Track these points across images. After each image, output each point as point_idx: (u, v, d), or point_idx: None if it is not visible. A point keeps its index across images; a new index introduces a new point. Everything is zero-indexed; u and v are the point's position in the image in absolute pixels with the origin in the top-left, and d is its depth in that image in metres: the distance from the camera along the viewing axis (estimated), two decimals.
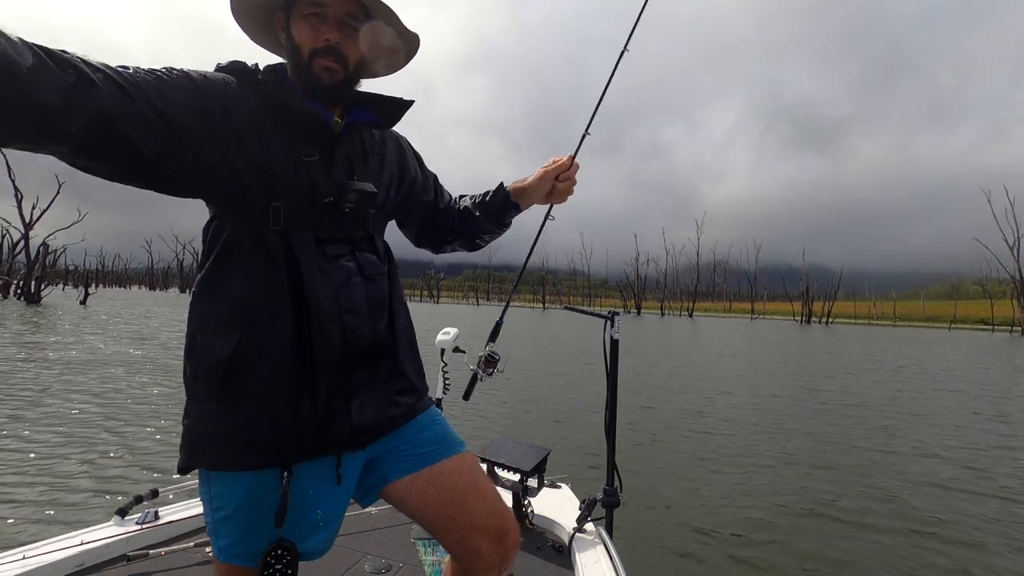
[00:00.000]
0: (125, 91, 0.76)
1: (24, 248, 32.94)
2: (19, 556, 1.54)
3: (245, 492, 0.90)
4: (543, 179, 1.28)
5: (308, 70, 0.95)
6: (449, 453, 1.07)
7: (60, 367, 8.33)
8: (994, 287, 62.81)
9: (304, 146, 0.95)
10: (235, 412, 0.90)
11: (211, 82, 0.88)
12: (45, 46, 0.69)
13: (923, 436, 6.10)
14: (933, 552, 3.17)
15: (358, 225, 1.01)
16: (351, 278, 0.97)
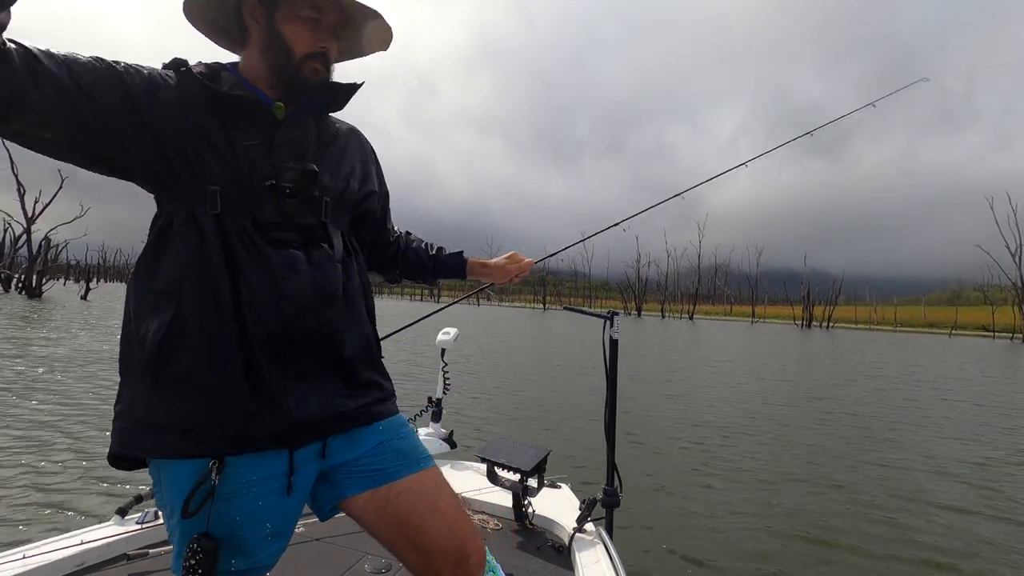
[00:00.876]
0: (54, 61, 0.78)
1: (26, 242, 33.01)
2: (19, 556, 1.53)
3: (190, 479, 0.86)
4: (502, 271, 1.47)
5: (298, 70, 0.96)
6: (411, 470, 1.01)
7: (59, 363, 8.34)
8: (995, 294, 62.74)
9: (245, 131, 0.93)
10: (168, 396, 0.86)
11: (140, 70, 0.88)
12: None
13: (933, 450, 5.80)
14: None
15: (306, 210, 0.96)
16: (296, 265, 0.92)
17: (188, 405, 0.86)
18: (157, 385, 0.86)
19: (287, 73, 0.96)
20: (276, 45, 0.95)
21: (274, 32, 0.95)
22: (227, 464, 0.86)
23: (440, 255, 1.39)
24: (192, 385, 0.86)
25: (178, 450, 0.86)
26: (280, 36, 0.95)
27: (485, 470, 2.21)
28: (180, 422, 0.86)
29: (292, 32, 0.95)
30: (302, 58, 0.95)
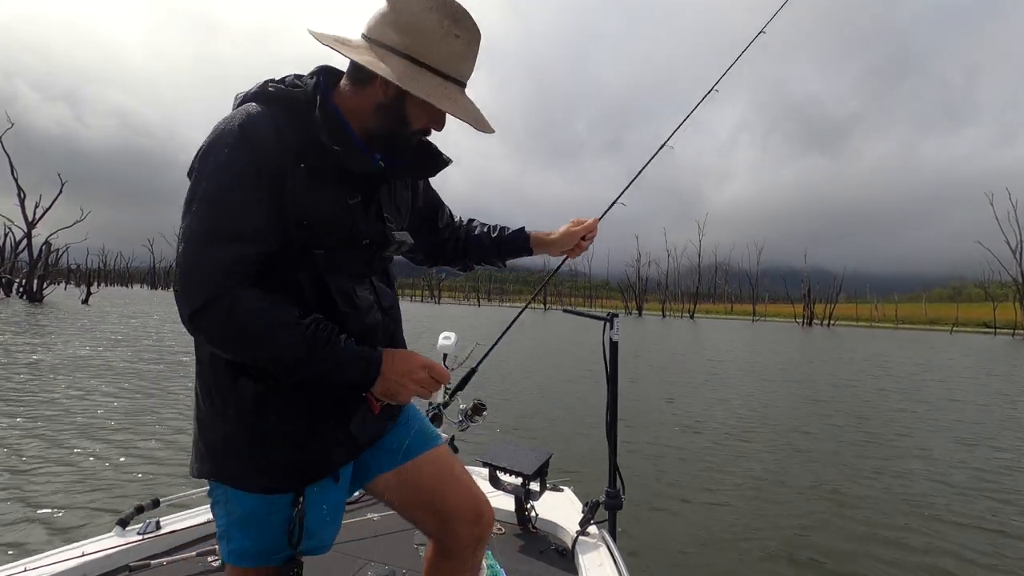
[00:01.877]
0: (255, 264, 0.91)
1: (27, 247, 33.03)
2: (21, 568, 1.53)
3: (258, 504, 0.97)
4: (569, 236, 1.41)
5: (405, 140, 1.03)
6: (428, 446, 1.16)
7: (61, 371, 8.34)
8: (996, 290, 62.68)
9: (348, 188, 1.01)
10: (257, 437, 0.96)
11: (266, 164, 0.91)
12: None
13: (945, 455, 5.52)
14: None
15: (383, 261, 1.11)
16: (373, 314, 1.06)
17: (276, 448, 0.97)
18: (247, 427, 0.96)
19: (394, 139, 1.02)
20: (395, 115, 0.99)
21: (398, 104, 0.98)
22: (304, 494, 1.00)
23: (503, 236, 1.40)
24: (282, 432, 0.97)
25: (263, 486, 0.97)
26: (402, 110, 0.99)
27: (487, 474, 2.21)
28: (266, 461, 0.97)
29: (414, 111, 0.99)
30: (414, 132, 1.02)
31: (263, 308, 0.87)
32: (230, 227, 0.88)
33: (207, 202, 0.88)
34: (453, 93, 0.97)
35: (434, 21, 0.94)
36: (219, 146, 0.90)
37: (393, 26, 0.95)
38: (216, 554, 1.85)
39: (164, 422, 5.55)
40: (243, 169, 0.89)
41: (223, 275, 0.86)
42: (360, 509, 2.34)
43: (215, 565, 1.82)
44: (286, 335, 0.87)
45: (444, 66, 0.96)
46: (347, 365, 0.91)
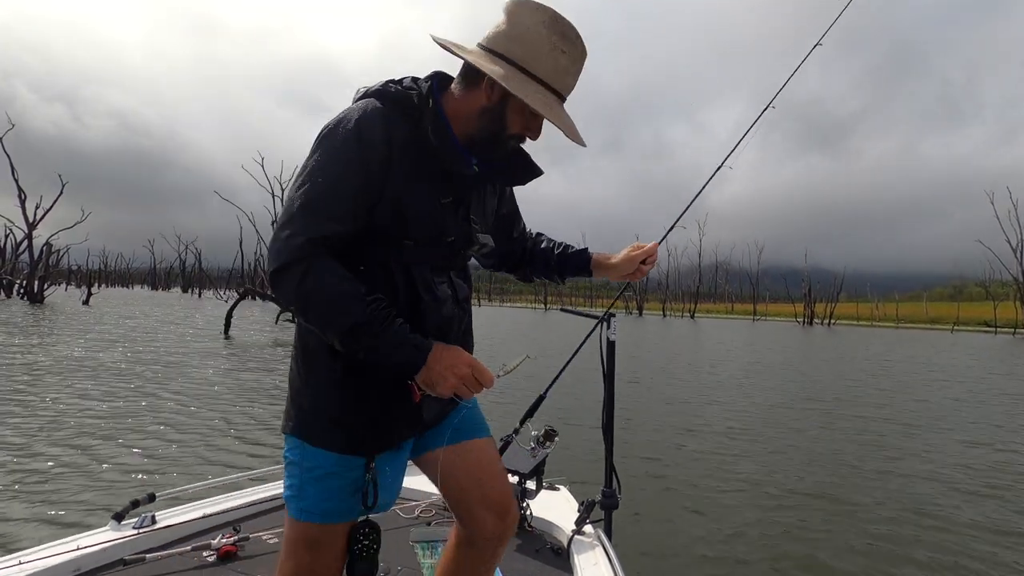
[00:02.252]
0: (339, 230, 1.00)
1: (27, 248, 33.05)
2: (15, 561, 1.54)
3: (335, 464, 1.06)
4: (630, 260, 1.43)
5: (502, 143, 1.10)
6: (481, 435, 1.26)
7: (56, 368, 8.35)
8: (997, 289, 62.56)
9: (443, 187, 1.10)
10: (343, 405, 1.06)
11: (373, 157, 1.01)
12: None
13: (954, 459, 5.31)
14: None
15: (463, 259, 1.20)
16: (449, 306, 1.14)
17: (358, 417, 1.06)
18: (338, 394, 1.06)
19: (491, 141, 1.09)
20: (496, 119, 1.07)
21: (500, 107, 1.06)
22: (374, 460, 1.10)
23: (565, 253, 1.45)
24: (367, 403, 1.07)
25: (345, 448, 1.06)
26: (503, 114, 1.07)
27: None
28: (349, 427, 1.06)
29: (513, 117, 1.07)
30: (510, 137, 1.09)
31: (332, 279, 0.95)
32: (327, 205, 0.98)
33: (314, 178, 0.99)
34: (552, 103, 1.05)
35: (544, 36, 1.03)
36: (337, 132, 1.02)
37: (506, 36, 1.04)
38: (211, 549, 1.86)
39: (160, 418, 5.56)
40: (352, 157, 1.00)
41: (308, 245, 0.95)
42: None
43: (210, 560, 1.83)
44: (347, 306, 0.94)
45: (548, 77, 1.04)
46: (397, 347, 0.97)
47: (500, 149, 1.11)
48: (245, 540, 1.95)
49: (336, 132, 1.02)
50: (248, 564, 1.83)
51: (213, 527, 2.03)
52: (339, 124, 1.03)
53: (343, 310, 0.94)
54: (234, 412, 6.10)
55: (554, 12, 1.04)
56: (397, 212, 1.04)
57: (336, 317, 0.95)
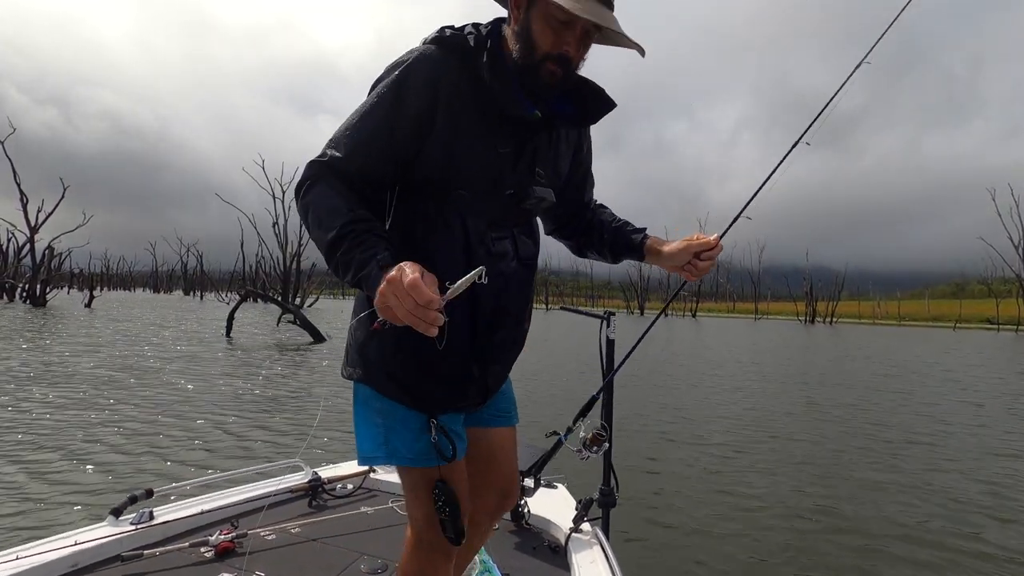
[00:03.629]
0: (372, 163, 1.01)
1: (29, 251, 33.14)
2: (12, 556, 1.54)
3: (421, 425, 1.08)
4: (684, 251, 1.21)
5: (535, 70, 1.00)
6: (512, 422, 1.30)
7: (56, 367, 8.37)
8: (999, 286, 62.37)
9: (501, 136, 1.04)
10: (406, 360, 1.06)
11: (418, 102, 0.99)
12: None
13: (974, 470, 4.83)
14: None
15: (525, 214, 1.13)
16: (509, 261, 1.10)
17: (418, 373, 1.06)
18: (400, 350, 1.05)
19: (527, 73, 1.01)
20: (525, 39, 1.00)
21: (526, 26, 0.99)
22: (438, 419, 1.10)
23: (622, 230, 1.30)
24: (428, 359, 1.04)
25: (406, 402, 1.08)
26: (529, 32, 0.99)
27: None
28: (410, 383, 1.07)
29: (539, 31, 0.98)
30: (542, 57, 0.99)
31: (326, 194, 0.96)
32: (359, 140, 0.99)
33: (358, 112, 1.02)
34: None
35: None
36: (389, 73, 1.02)
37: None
38: (208, 545, 1.86)
39: (159, 416, 5.57)
40: (387, 99, 1.00)
41: (321, 165, 0.98)
42: (354, 503, 2.35)
43: (207, 556, 1.83)
44: (331, 221, 0.93)
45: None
46: (361, 265, 0.88)
47: (541, 77, 1.00)
48: (243, 536, 1.95)
49: (385, 75, 1.03)
50: (246, 560, 1.83)
51: (211, 523, 2.03)
52: (394, 66, 1.03)
53: (327, 225, 0.93)
54: (234, 410, 6.11)
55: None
56: (448, 159, 1.01)
57: (320, 231, 0.94)
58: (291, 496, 2.36)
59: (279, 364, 10.31)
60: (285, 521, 2.12)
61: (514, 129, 1.05)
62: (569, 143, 1.19)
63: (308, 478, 2.43)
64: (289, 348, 13.21)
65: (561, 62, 1.00)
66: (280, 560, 1.84)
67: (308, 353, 12.37)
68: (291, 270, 43.72)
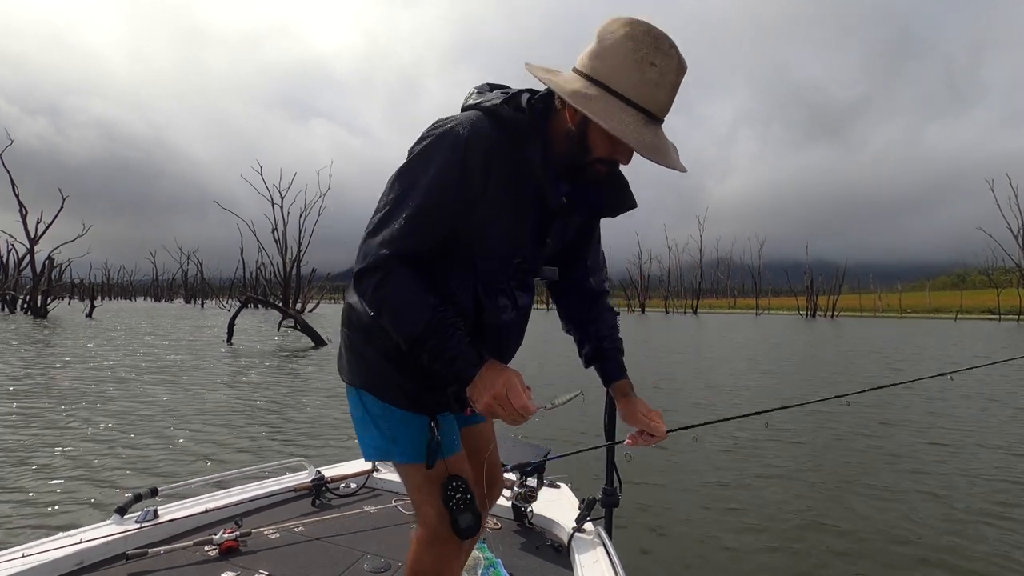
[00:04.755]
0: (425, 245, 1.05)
1: (30, 262, 33.17)
2: (18, 554, 1.56)
3: (402, 413, 1.16)
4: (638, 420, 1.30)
5: (586, 168, 1.05)
6: (484, 418, 1.35)
7: (63, 370, 8.39)
8: (999, 276, 62.35)
9: (527, 213, 1.10)
10: (407, 374, 1.14)
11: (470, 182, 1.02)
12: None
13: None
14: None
15: (529, 279, 1.22)
16: (509, 312, 1.18)
17: (419, 386, 1.14)
18: (402, 368, 1.14)
19: (577, 167, 1.07)
20: (580, 141, 1.03)
21: (582, 128, 1.02)
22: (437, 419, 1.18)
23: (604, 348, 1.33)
24: (426, 377, 1.13)
25: (408, 407, 1.15)
26: (586, 138, 1.02)
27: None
28: (414, 392, 1.15)
29: (596, 139, 1.02)
30: (595, 159, 1.04)
31: (404, 289, 1.00)
32: (417, 220, 1.01)
33: (410, 188, 1.02)
34: (635, 122, 0.96)
35: (630, 48, 0.95)
36: (442, 147, 1.02)
37: (593, 54, 0.99)
38: (213, 543, 1.87)
39: (164, 415, 5.59)
40: (450, 176, 1.01)
41: (392, 253, 1.00)
42: (357, 502, 2.36)
43: (212, 555, 1.84)
44: (414, 317, 1.00)
45: (631, 93, 0.96)
46: (453, 360, 1.00)
47: (587, 174, 1.06)
48: (247, 535, 1.96)
49: (441, 146, 1.02)
50: (250, 559, 1.84)
51: (215, 522, 2.04)
52: (445, 137, 1.02)
53: (411, 320, 1.00)
54: (237, 411, 6.13)
55: (645, 23, 0.97)
56: (479, 231, 1.06)
57: (404, 326, 1.01)
58: (294, 495, 2.37)
59: (281, 367, 10.32)
60: (289, 520, 2.13)
61: (540, 208, 1.11)
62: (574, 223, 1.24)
63: (311, 477, 2.44)
64: (291, 352, 13.23)
65: (610, 165, 1.05)
66: (284, 559, 1.85)
67: (309, 357, 12.39)
68: (291, 276, 43.73)
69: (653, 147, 0.97)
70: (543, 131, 1.05)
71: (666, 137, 1.01)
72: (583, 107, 0.95)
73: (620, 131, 0.94)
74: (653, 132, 0.98)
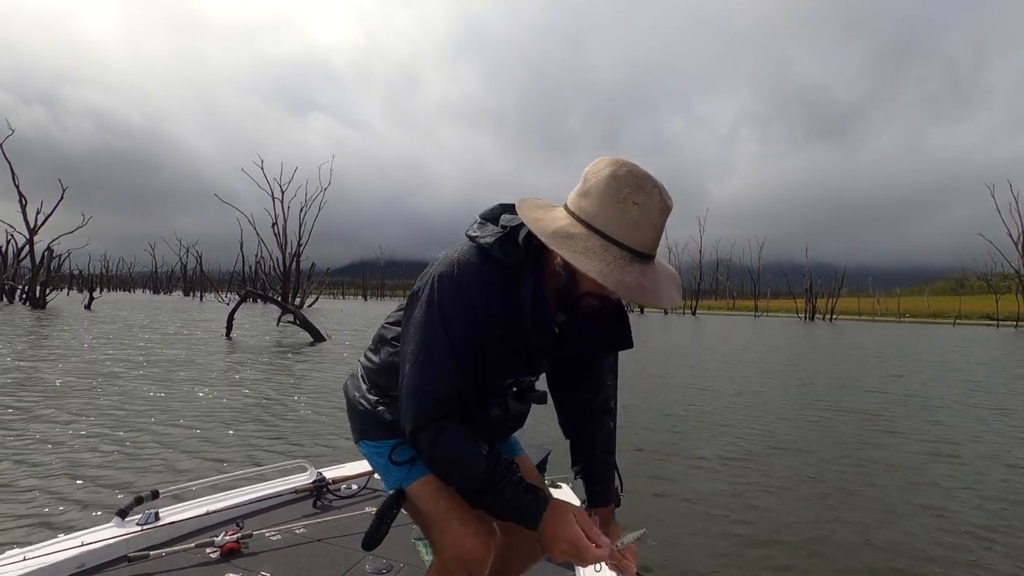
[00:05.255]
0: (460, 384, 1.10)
1: (29, 253, 33.12)
2: (20, 557, 1.55)
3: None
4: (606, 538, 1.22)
5: (576, 301, 1.09)
6: (520, 452, 1.42)
7: (61, 367, 8.38)
8: (999, 282, 62.37)
9: (519, 343, 1.13)
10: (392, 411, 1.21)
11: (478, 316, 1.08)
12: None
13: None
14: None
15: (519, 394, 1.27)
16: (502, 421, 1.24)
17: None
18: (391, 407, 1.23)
19: (567, 299, 1.11)
20: (569, 276, 1.07)
21: (570, 268, 1.05)
22: None
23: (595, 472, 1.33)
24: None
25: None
26: (574, 272, 1.05)
27: None
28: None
29: (581, 275, 1.04)
30: (584, 293, 1.07)
31: (456, 445, 1.06)
32: (450, 363, 1.06)
33: (433, 334, 1.07)
34: (615, 257, 0.98)
35: (612, 188, 0.99)
36: (443, 288, 1.07)
37: (579, 192, 1.03)
38: (214, 546, 1.87)
39: (165, 416, 5.57)
40: (465, 314, 1.07)
41: (438, 406, 1.06)
42: (358, 504, 2.36)
43: (213, 557, 1.84)
44: (469, 470, 1.05)
45: (613, 231, 0.99)
46: (514, 508, 1.05)
47: (581, 307, 1.10)
48: (248, 537, 1.96)
49: (444, 289, 1.07)
50: (251, 561, 1.84)
51: (216, 524, 2.04)
52: (448, 280, 1.07)
53: (466, 474, 1.06)
54: (237, 411, 6.12)
55: (629, 164, 1.01)
56: (477, 359, 1.11)
57: (460, 479, 1.07)
58: (296, 497, 2.37)
59: (280, 364, 10.31)
60: (290, 521, 2.13)
61: (533, 339, 1.13)
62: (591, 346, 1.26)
63: (312, 479, 2.44)
64: (290, 348, 13.22)
65: (601, 299, 1.08)
66: (285, 560, 1.85)
67: (309, 353, 12.38)
68: (291, 270, 43.71)
69: (632, 285, 0.98)
70: (538, 265, 1.09)
71: (659, 268, 1.05)
72: (560, 248, 0.99)
73: (593, 271, 0.96)
74: (638, 269, 0.99)
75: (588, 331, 1.19)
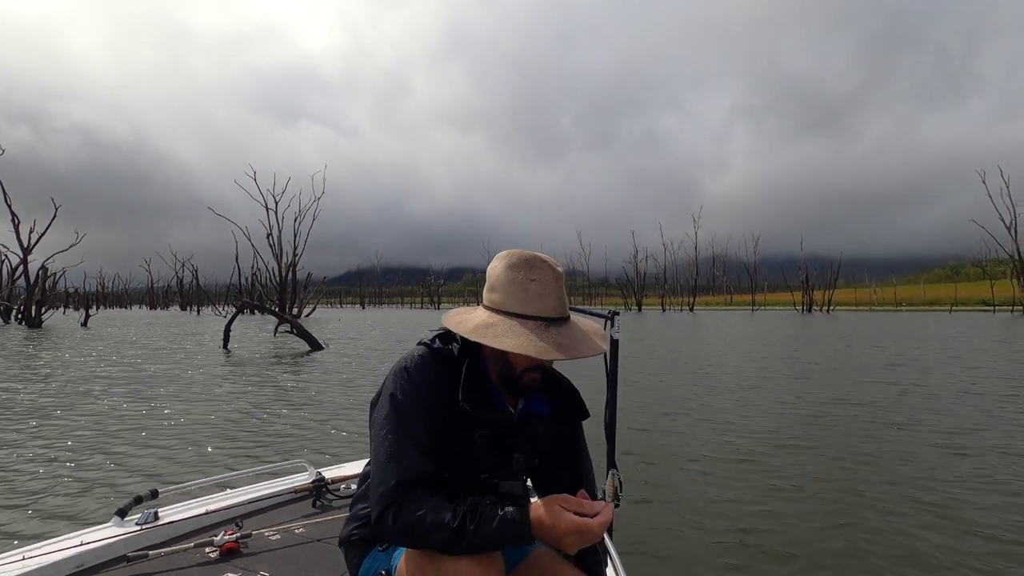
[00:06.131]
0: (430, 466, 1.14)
1: (23, 272, 32.98)
2: (19, 556, 1.55)
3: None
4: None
5: (518, 381, 1.19)
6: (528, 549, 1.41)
7: (63, 374, 8.35)
8: (993, 268, 62.72)
9: (480, 427, 1.19)
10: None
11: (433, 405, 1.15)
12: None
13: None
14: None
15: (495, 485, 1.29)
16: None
17: None
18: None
19: (509, 381, 1.21)
20: (503, 360, 1.19)
21: (504, 356, 1.17)
22: None
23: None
24: None
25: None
26: (506, 354, 1.16)
27: None
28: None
29: (512, 355, 1.16)
30: (522, 372, 1.18)
31: (421, 504, 1.06)
32: (409, 447, 1.11)
33: (391, 424, 1.13)
34: (532, 329, 1.12)
35: (511, 276, 1.16)
36: (397, 381, 1.16)
37: (489, 289, 1.19)
38: (213, 545, 1.87)
39: (164, 418, 5.58)
40: (420, 400, 1.14)
41: (397, 488, 1.08)
42: None
43: (212, 556, 1.84)
44: (441, 518, 1.04)
45: (524, 309, 1.14)
46: (500, 535, 1.04)
47: (525, 385, 1.20)
48: (247, 537, 1.96)
49: (398, 381, 1.16)
50: (251, 561, 1.84)
51: (215, 524, 2.04)
52: (400, 377, 1.17)
53: (437, 525, 1.04)
54: (237, 413, 6.12)
55: (518, 251, 1.18)
56: (441, 450, 1.16)
57: (435, 533, 1.05)
58: (295, 496, 2.37)
59: (279, 371, 10.29)
60: (289, 521, 2.13)
61: (492, 425, 1.21)
62: (543, 434, 1.32)
63: (312, 478, 2.44)
64: (288, 357, 13.20)
65: (540, 370, 1.19)
66: (284, 560, 1.85)
67: (306, 361, 12.37)
68: (287, 280, 43.62)
69: (551, 345, 1.11)
70: (479, 356, 1.21)
71: (576, 325, 1.20)
72: (483, 338, 1.10)
73: (513, 346, 1.08)
74: (555, 331, 1.14)
75: (542, 411, 1.29)
